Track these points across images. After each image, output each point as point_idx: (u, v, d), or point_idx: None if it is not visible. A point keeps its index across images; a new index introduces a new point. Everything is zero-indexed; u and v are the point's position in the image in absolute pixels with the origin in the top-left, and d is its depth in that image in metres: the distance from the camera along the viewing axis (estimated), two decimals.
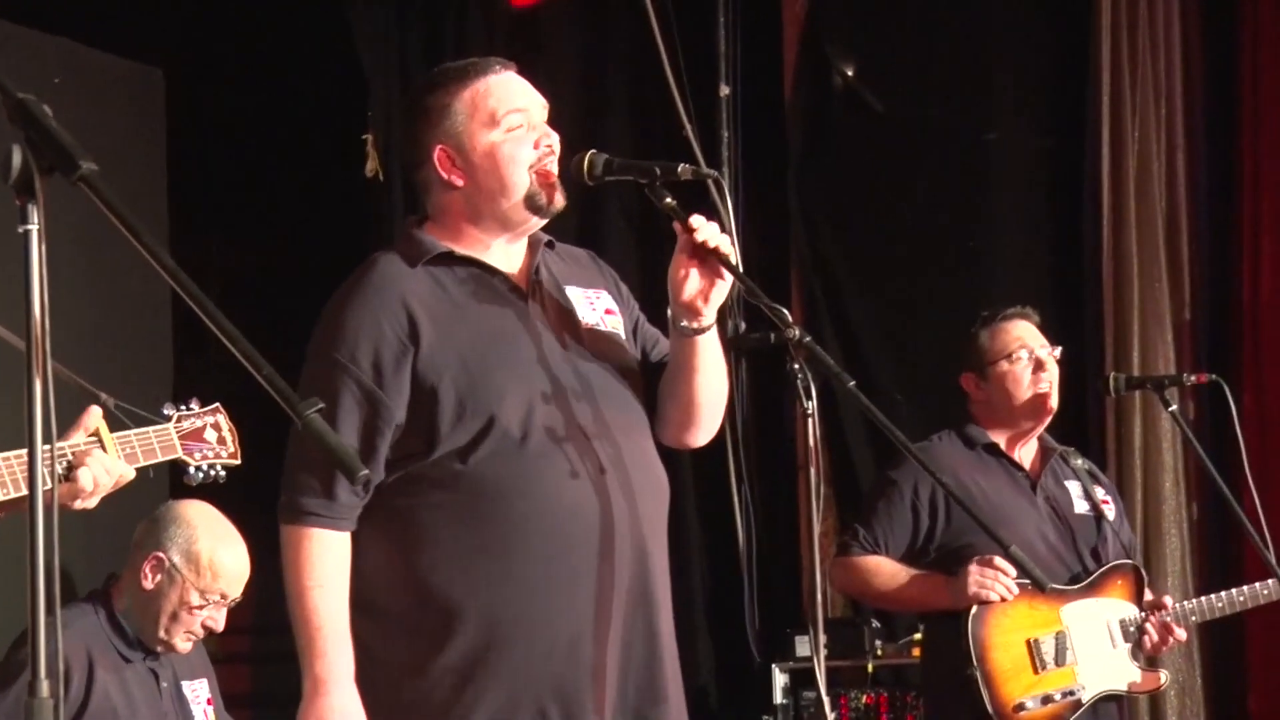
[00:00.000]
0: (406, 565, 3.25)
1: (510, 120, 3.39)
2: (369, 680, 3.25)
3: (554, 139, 3.41)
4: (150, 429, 3.15)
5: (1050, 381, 5.04)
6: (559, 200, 3.40)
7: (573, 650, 3.25)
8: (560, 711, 3.23)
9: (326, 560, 3.24)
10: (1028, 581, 4.65)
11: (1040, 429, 5.12)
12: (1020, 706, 4.77)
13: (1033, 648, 4.82)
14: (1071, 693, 4.84)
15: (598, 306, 3.53)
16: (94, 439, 2.99)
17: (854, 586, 5.06)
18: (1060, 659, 4.85)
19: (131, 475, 3.05)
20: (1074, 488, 5.12)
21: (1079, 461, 5.19)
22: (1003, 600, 4.75)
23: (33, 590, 1.89)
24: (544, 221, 3.44)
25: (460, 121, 3.39)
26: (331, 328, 3.33)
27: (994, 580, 4.74)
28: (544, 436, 3.27)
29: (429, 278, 3.35)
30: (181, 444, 3.20)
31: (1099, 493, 5.15)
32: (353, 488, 3.24)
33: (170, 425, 3.20)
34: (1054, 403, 5.06)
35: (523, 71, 3.52)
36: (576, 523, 3.27)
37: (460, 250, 3.40)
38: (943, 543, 4.91)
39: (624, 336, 3.53)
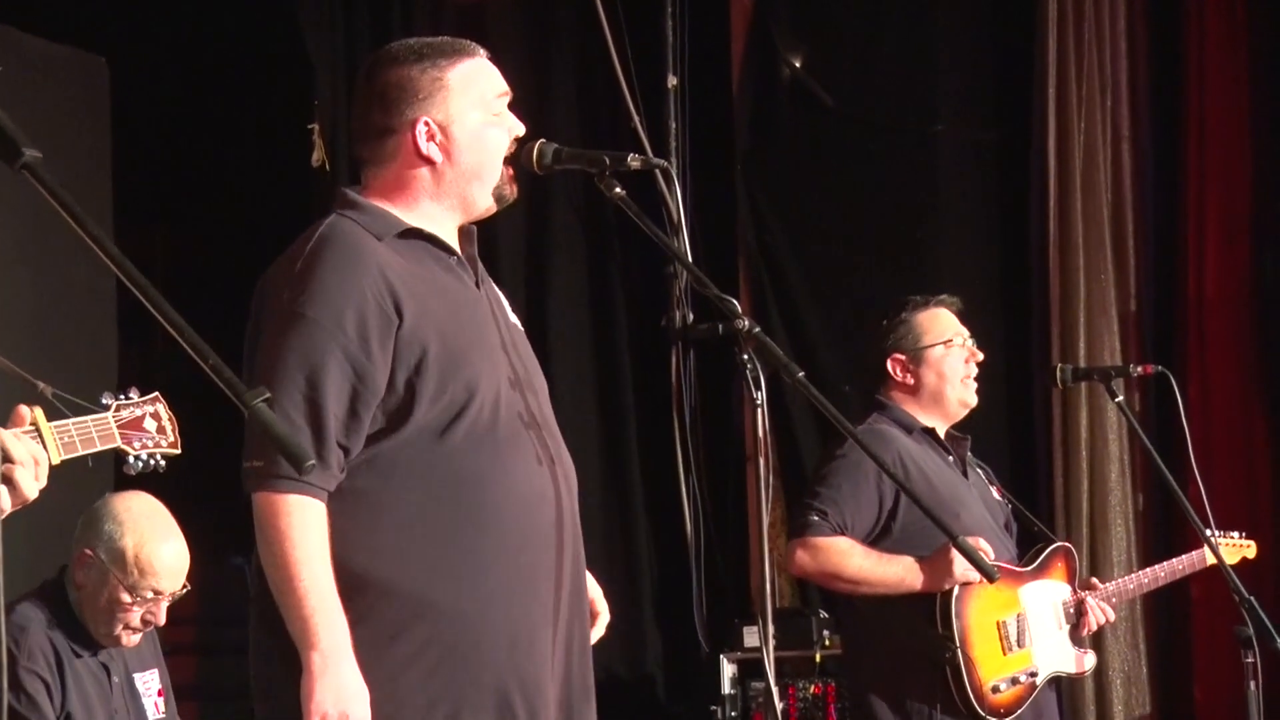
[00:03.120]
0: (369, 549, 3.16)
1: (495, 105, 3.37)
2: None
3: (521, 129, 3.39)
4: (88, 418, 3.08)
5: (975, 373, 5.06)
6: (516, 192, 3.40)
7: (533, 641, 3.23)
8: (523, 702, 3.20)
9: (311, 528, 3.09)
10: (999, 563, 4.68)
11: (958, 418, 5.11)
12: (995, 688, 4.77)
13: (1001, 629, 4.83)
14: (1033, 674, 4.86)
15: (507, 304, 3.52)
16: (31, 429, 2.94)
17: (823, 568, 4.86)
18: (1021, 640, 4.86)
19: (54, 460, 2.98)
20: (982, 474, 5.15)
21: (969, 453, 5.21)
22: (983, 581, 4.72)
23: None
24: (495, 210, 3.43)
25: (451, 98, 3.33)
26: (306, 289, 3.17)
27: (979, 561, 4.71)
28: (509, 421, 3.24)
29: (395, 252, 3.27)
30: (120, 433, 3.15)
31: (995, 482, 5.19)
32: (339, 456, 3.13)
33: (109, 414, 3.14)
34: (975, 398, 5.06)
35: None
36: (539, 512, 3.25)
37: (426, 228, 3.35)
38: (905, 522, 4.82)
39: None
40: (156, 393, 3.26)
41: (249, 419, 2.03)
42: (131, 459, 3.18)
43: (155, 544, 4.45)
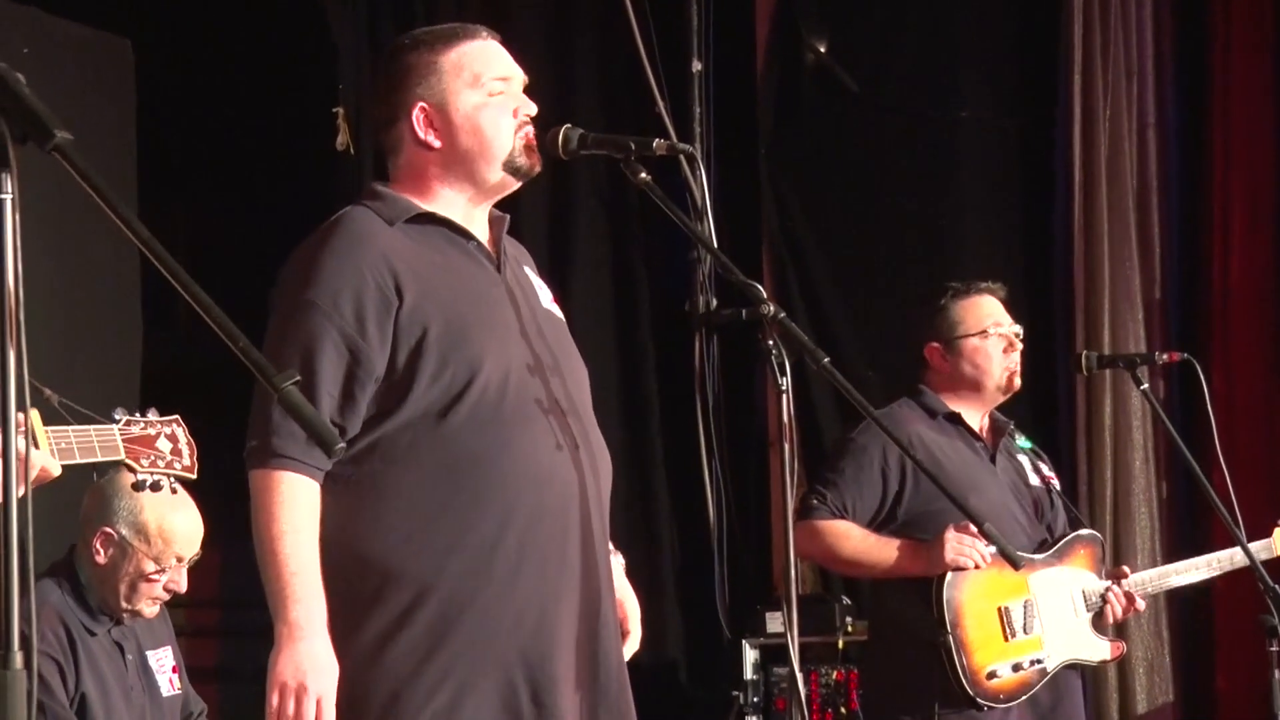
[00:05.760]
0: (372, 532, 3.19)
1: (493, 86, 3.36)
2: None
3: (532, 109, 3.39)
4: (91, 428, 3.08)
5: (1017, 361, 5.05)
6: (538, 164, 3.39)
7: (541, 622, 3.23)
8: (527, 682, 3.21)
9: (300, 505, 3.13)
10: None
11: (996, 404, 5.12)
12: (992, 674, 4.77)
13: (1003, 615, 4.83)
14: (1039, 660, 4.85)
15: (545, 293, 3.52)
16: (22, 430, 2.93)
17: (819, 550, 4.97)
18: (1028, 627, 4.86)
19: (56, 471, 2.98)
20: (1024, 460, 5.14)
21: (1021, 439, 5.20)
22: (976, 567, 4.75)
23: (5, 560, 1.86)
24: (517, 185, 3.42)
25: (444, 81, 3.35)
26: (307, 274, 3.23)
27: (971, 547, 4.73)
28: (520, 404, 3.24)
29: (406, 236, 3.30)
30: (126, 447, 3.14)
31: (1043, 468, 5.17)
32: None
33: (115, 428, 3.14)
34: (1018, 382, 5.06)
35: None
36: (550, 493, 3.25)
37: (440, 212, 3.37)
38: (910, 507, 4.88)
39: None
40: (177, 415, 3.26)
41: (279, 401, 2.03)
42: (138, 475, 3.18)
43: (174, 512, 4.49)
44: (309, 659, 3.08)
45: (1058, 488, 5.15)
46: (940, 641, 4.74)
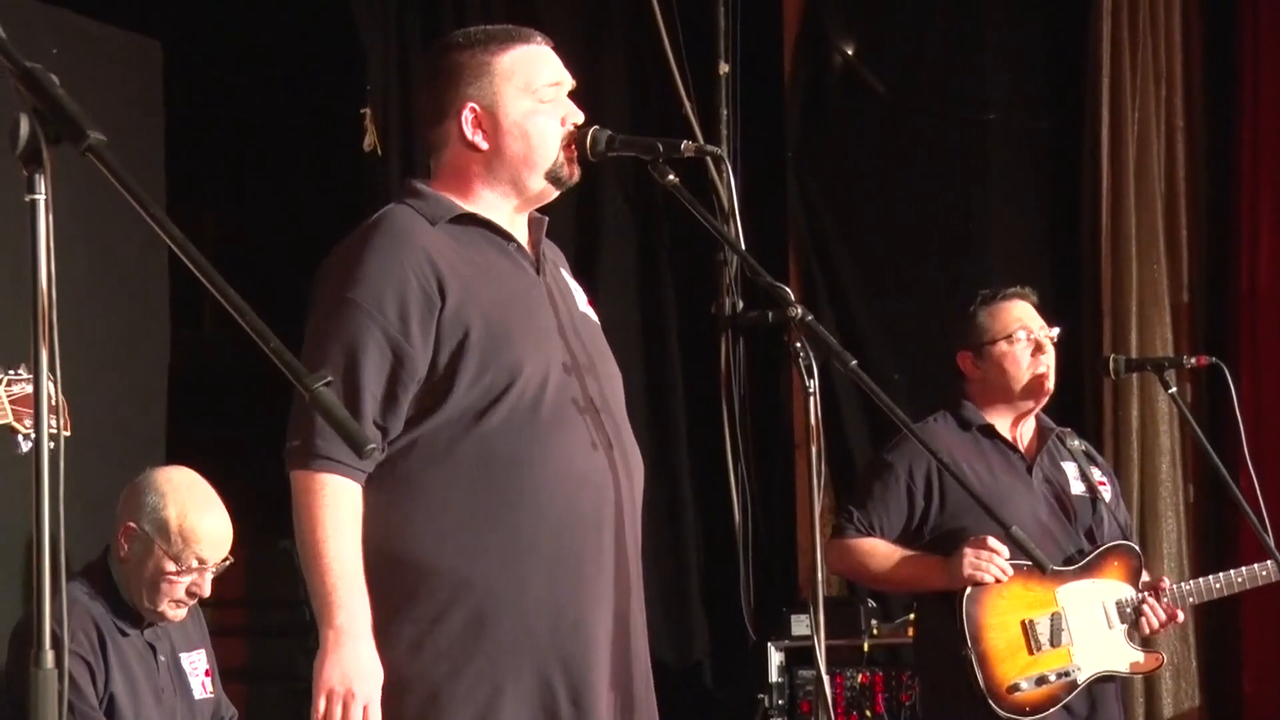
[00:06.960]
0: (408, 532, 3.20)
1: (545, 93, 3.37)
2: None
3: (579, 117, 3.40)
4: None
5: (1048, 364, 5.03)
6: (577, 174, 3.40)
7: (579, 625, 3.24)
8: (566, 685, 3.22)
9: (343, 508, 3.14)
10: (1023, 562, 4.65)
11: (1037, 410, 5.11)
12: (1015, 687, 4.76)
13: (1028, 628, 4.82)
14: (1066, 673, 4.84)
15: (581, 296, 3.54)
16: None
17: (849, 568, 5.07)
18: (1055, 640, 4.84)
19: None
20: (1070, 469, 5.10)
21: (1075, 442, 5.18)
22: (997, 581, 4.75)
23: (38, 560, 1.87)
24: (557, 194, 3.44)
25: (496, 84, 3.35)
26: (350, 273, 3.23)
27: (988, 561, 4.73)
28: (557, 405, 3.25)
29: (448, 236, 3.30)
30: (12, 409, 3.13)
31: (1095, 474, 5.13)
32: (376, 436, 3.16)
33: (0, 389, 3.13)
34: (1051, 384, 5.05)
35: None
36: (585, 494, 3.26)
37: (481, 213, 3.37)
38: (937, 524, 4.91)
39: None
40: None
41: (310, 402, 2.03)
42: (20, 438, 3.15)
43: (198, 513, 4.48)
44: (355, 664, 3.10)
45: (1106, 496, 5.10)
46: (963, 655, 4.76)
